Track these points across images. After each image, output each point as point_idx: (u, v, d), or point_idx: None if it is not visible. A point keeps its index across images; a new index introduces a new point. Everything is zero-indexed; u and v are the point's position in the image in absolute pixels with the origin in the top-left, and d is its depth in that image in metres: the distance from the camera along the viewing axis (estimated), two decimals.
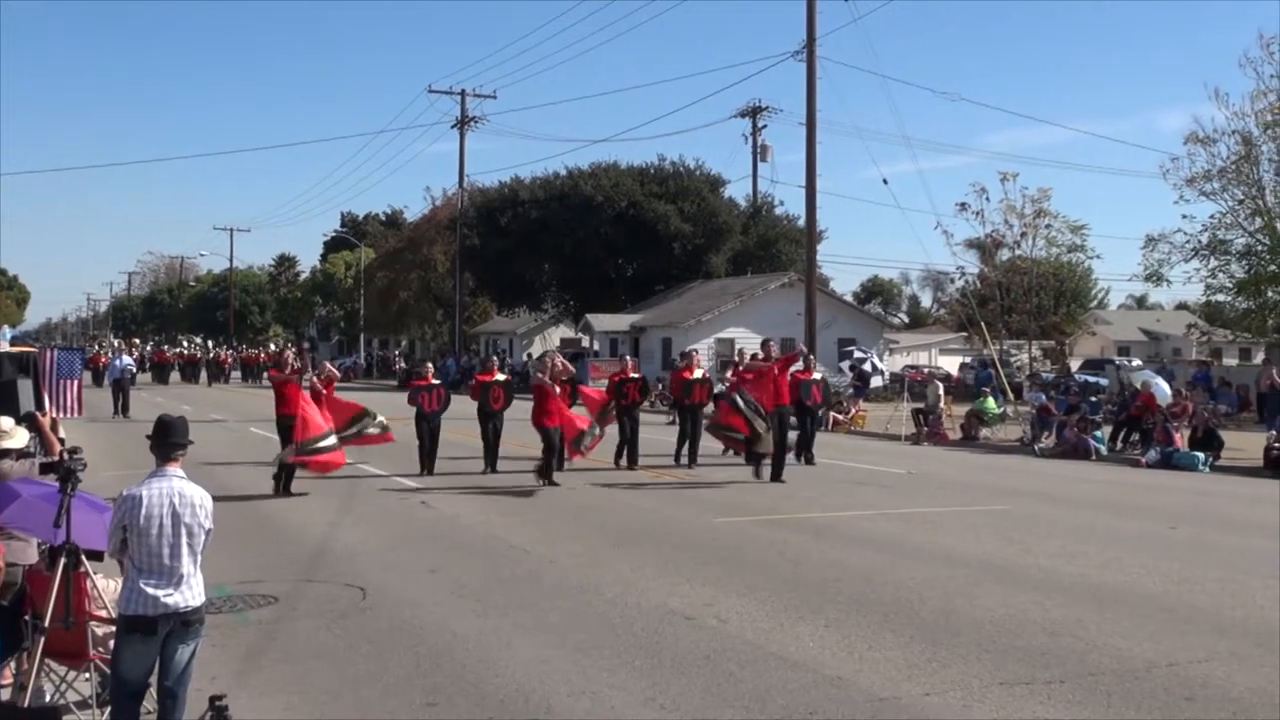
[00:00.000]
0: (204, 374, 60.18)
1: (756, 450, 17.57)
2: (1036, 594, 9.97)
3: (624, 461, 19.60)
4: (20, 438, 7.48)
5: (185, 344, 79.83)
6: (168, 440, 5.84)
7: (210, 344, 75.55)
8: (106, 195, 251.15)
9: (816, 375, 21.91)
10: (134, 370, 39.48)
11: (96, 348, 67.49)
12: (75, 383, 22.37)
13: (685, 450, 20.28)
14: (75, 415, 23.64)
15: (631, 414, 19.89)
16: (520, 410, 19.25)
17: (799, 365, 20.45)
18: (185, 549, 5.64)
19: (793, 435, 19.59)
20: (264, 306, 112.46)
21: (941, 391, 28.60)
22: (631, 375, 20.27)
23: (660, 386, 34.27)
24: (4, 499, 6.56)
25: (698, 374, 20.85)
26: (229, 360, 65.12)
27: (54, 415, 13.84)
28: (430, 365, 21.07)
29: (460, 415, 21.44)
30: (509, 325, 67.53)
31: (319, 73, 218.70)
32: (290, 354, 18.27)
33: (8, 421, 7.45)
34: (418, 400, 18.78)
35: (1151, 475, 20.22)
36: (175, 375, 61.20)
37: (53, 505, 6.35)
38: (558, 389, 17.85)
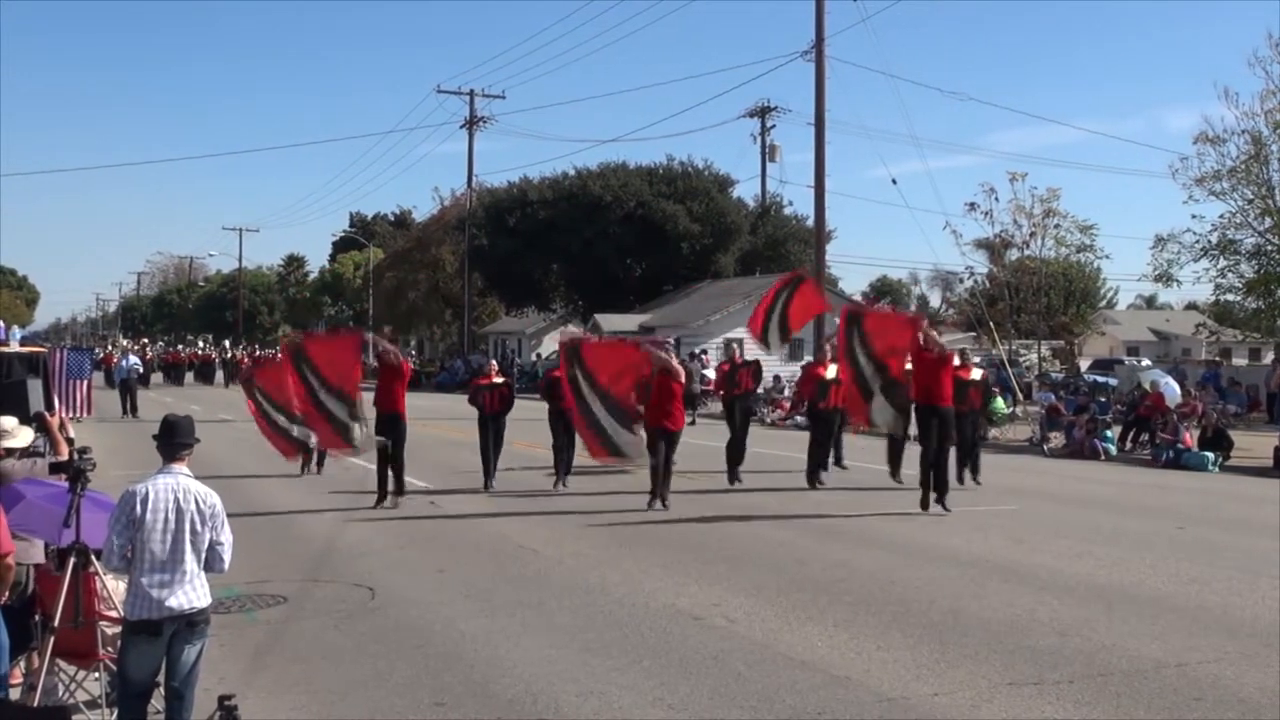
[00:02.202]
0: (219, 375, 58.74)
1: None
2: (1045, 594, 9.96)
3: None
4: (24, 437, 7.49)
5: (201, 344, 78.90)
6: (173, 439, 5.86)
7: (227, 344, 74.64)
8: (115, 195, 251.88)
9: (975, 374, 18.23)
10: (140, 370, 39.32)
11: (110, 347, 67.04)
12: (85, 383, 22.50)
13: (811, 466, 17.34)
14: (84, 415, 23.79)
15: (744, 407, 17.43)
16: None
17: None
18: (189, 545, 5.65)
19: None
20: (273, 307, 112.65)
21: None
22: (744, 360, 17.90)
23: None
24: (8, 501, 6.58)
25: (832, 371, 17.05)
26: (246, 361, 64.26)
27: (63, 415, 13.89)
28: (495, 362, 18.60)
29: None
30: (517, 325, 67.57)
31: (327, 73, 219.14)
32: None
33: (10, 421, 7.47)
34: (478, 401, 17.15)
35: (1160, 475, 20.17)
36: (189, 376, 59.55)
37: (57, 505, 6.37)
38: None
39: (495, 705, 7.00)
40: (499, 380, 17.30)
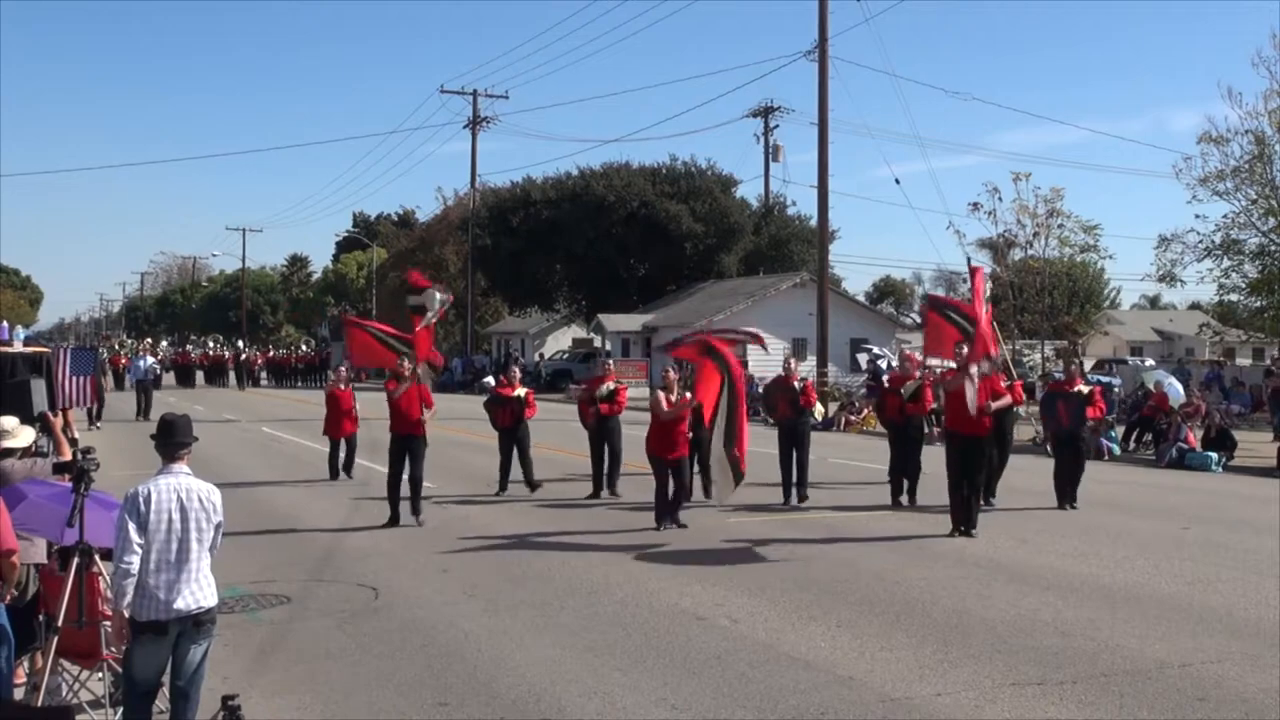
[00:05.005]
0: (232, 376, 57.41)
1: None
2: (1048, 594, 9.96)
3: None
4: (25, 437, 7.49)
5: (211, 344, 77.45)
6: (171, 439, 5.87)
7: (241, 344, 73.19)
8: (119, 195, 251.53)
9: (1084, 387, 16.20)
10: (157, 371, 38.68)
11: (117, 348, 66.00)
12: (88, 378, 22.51)
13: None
14: (89, 405, 23.75)
15: (798, 431, 15.96)
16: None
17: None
18: (194, 544, 5.65)
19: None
20: (276, 307, 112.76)
21: None
22: (795, 382, 16.07)
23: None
24: (11, 501, 6.60)
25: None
26: (259, 361, 62.67)
27: (65, 406, 13.88)
28: (516, 369, 17.83)
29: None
30: (521, 325, 67.58)
31: (331, 73, 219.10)
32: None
33: (10, 421, 7.48)
34: (493, 413, 16.82)
35: (1164, 475, 20.16)
36: (200, 377, 58.00)
37: (60, 505, 6.37)
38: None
39: (499, 705, 7.00)
40: (520, 391, 16.71)
